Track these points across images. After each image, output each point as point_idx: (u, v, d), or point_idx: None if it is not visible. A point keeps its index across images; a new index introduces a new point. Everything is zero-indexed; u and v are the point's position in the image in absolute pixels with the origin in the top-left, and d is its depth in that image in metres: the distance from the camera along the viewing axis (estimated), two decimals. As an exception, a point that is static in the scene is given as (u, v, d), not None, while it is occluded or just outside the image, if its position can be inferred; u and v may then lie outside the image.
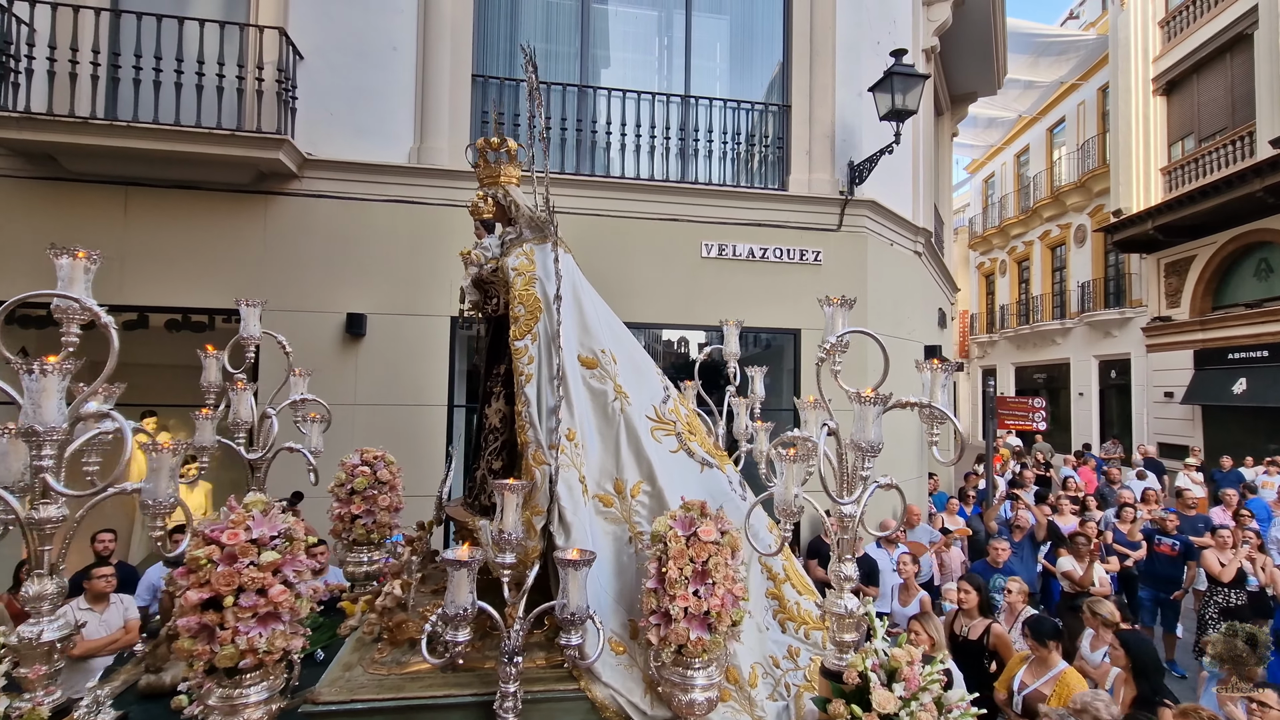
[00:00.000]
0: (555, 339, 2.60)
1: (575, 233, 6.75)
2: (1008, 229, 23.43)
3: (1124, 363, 17.30)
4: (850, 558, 2.25)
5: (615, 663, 2.33)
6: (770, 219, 7.17)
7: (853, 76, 7.43)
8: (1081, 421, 18.92)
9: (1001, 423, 8.89)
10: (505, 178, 2.96)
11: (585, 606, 2.02)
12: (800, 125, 7.35)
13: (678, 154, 7.26)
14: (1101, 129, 18.54)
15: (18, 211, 5.74)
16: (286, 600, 1.84)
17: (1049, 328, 20.32)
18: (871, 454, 2.14)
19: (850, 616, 2.17)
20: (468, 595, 1.91)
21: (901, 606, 5.39)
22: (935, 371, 2.24)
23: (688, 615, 2.01)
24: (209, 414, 2.87)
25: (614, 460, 2.65)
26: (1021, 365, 22.91)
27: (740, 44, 7.95)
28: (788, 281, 7.17)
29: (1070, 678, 3.76)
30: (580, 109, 7.05)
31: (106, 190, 5.88)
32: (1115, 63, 17.17)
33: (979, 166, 26.80)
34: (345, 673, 2.37)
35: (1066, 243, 20.29)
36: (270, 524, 1.92)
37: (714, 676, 2.10)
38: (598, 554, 2.49)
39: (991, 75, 11.61)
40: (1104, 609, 4.53)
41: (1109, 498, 9.44)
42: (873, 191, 7.40)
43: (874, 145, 7.11)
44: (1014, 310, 23.26)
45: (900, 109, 6.56)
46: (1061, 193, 19.86)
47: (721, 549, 2.11)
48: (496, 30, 7.12)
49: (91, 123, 5.44)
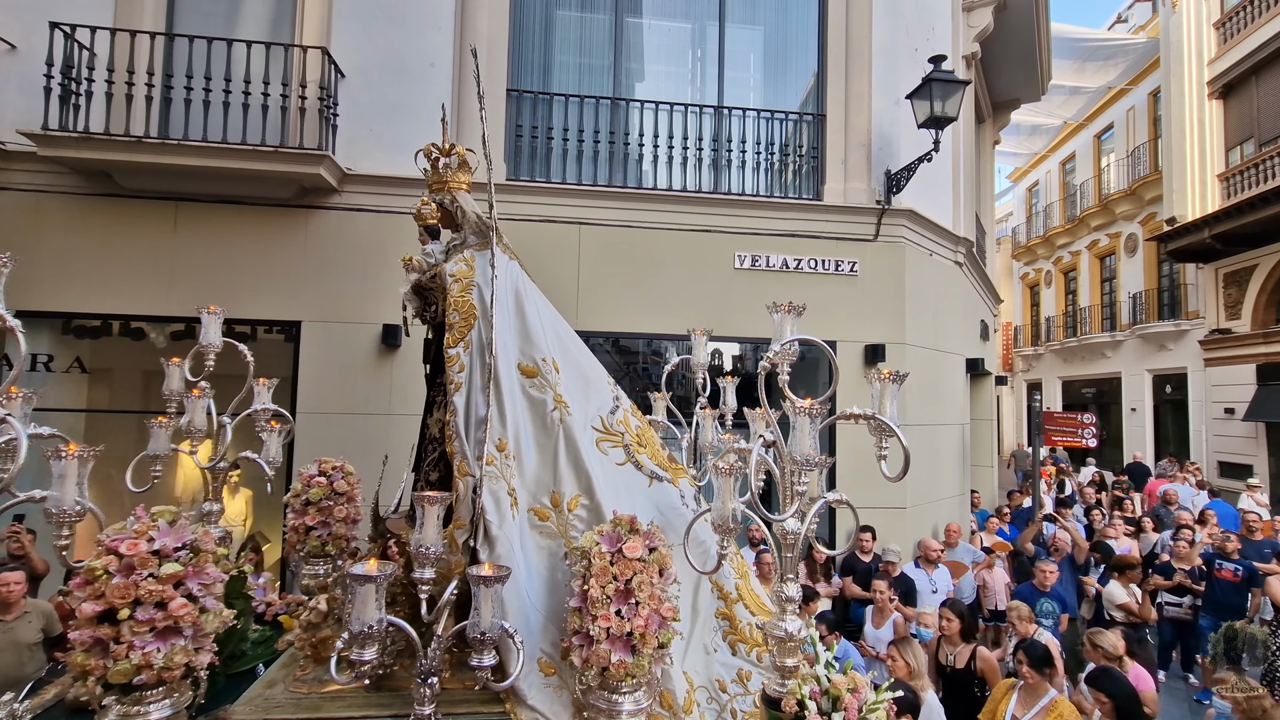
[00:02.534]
0: (488, 346, 2.50)
1: (607, 245, 6.80)
2: (1053, 238, 22.73)
3: (1180, 377, 16.54)
4: (793, 577, 2.08)
5: (544, 684, 2.23)
6: (804, 229, 7.07)
7: (890, 84, 7.30)
8: (1134, 438, 18.12)
9: (1049, 439, 8.55)
10: (454, 183, 2.86)
11: (499, 625, 1.90)
12: (835, 134, 7.25)
13: (710, 165, 7.22)
14: (1153, 134, 17.88)
15: (76, 226, 6.00)
16: (189, 614, 1.75)
17: (1098, 340, 19.58)
18: (808, 468, 1.96)
19: (792, 640, 2.00)
20: (374, 612, 1.78)
21: (874, 629, 5.16)
22: (884, 382, 2.08)
23: (610, 636, 1.90)
24: (164, 421, 2.87)
25: (551, 472, 2.55)
26: (1069, 379, 22.10)
27: (774, 54, 7.90)
28: (822, 293, 7.04)
29: (1062, 707, 3.57)
30: (613, 121, 7.08)
31: (158, 206, 6.11)
32: (1167, 66, 16.56)
33: (1022, 175, 26.12)
34: (267, 690, 2.30)
35: (1116, 252, 19.57)
36: (177, 535, 1.83)
37: (642, 701, 1.97)
38: (531, 570, 2.39)
39: (1035, 81, 11.31)
40: (1105, 641, 4.26)
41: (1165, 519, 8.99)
42: (911, 200, 7.24)
43: (912, 154, 6.96)
44: (1060, 322, 22.49)
45: (939, 116, 6.41)
46: (1111, 201, 19.19)
47: (648, 567, 1.99)
48: (531, 45, 7.21)
49: (145, 141, 5.67)
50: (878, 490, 6.95)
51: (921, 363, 7.42)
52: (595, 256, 6.71)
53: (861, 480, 6.91)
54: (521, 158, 6.90)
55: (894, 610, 5.20)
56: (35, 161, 5.76)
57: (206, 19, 6.41)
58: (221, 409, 3.16)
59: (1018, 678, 3.77)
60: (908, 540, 6.71)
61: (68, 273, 5.92)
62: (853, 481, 6.90)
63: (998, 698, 3.85)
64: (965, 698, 4.26)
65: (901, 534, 6.77)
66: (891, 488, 6.98)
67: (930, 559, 6.01)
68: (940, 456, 7.99)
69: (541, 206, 6.64)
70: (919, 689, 3.72)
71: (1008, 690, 3.79)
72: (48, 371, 6.21)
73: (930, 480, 7.62)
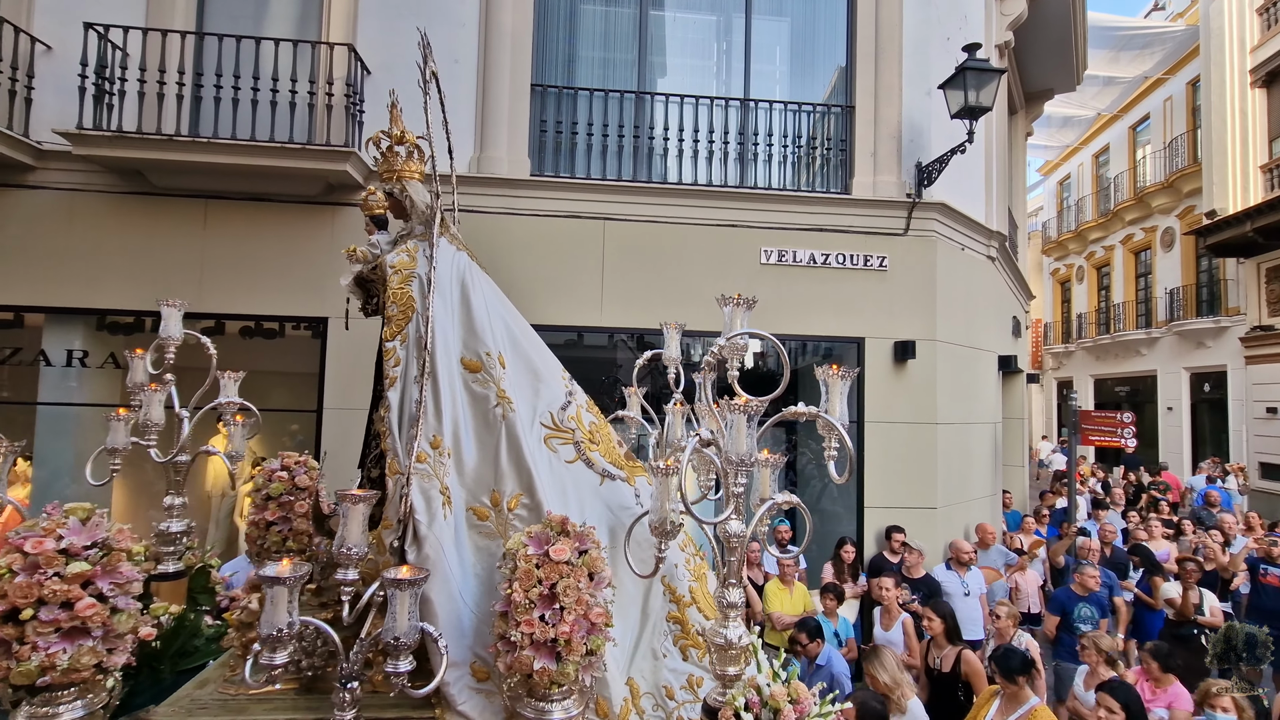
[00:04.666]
0: (422, 340, 2.42)
1: (632, 240, 6.73)
2: (1085, 233, 22.19)
3: (1219, 375, 16.04)
4: (735, 583, 1.91)
5: (476, 689, 2.14)
6: (832, 224, 6.93)
7: (921, 75, 7.13)
8: (1170, 438, 17.63)
9: (1085, 438, 8.31)
10: (404, 172, 2.76)
11: (416, 630, 1.83)
12: (865, 126, 7.09)
13: (736, 159, 7.11)
14: (1191, 125, 17.35)
15: (110, 224, 6.09)
16: (97, 615, 1.70)
17: (1133, 338, 19.07)
18: (744, 468, 1.83)
19: (732, 647, 1.88)
20: (285, 615, 1.72)
21: (883, 631, 5.04)
22: (833, 378, 1.91)
23: (533, 643, 1.82)
24: (125, 414, 2.85)
25: (492, 470, 2.45)
26: (1101, 377, 21.57)
27: (801, 45, 7.76)
28: (850, 288, 6.91)
29: (1041, 715, 3.46)
30: (638, 116, 7.00)
31: (188, 204, 6.18)
32: (1207, 54, 16.04)
33: (1053, 168, 25.54)
34: (196, 690, 2.25)
35: (1152, 247, 19.03)
36: (88, 533, 1.77)
37: (572, 709, 1.90)
38: (467, 571, 2.30)
39: (1070, 71, 11.00)
40: (1105, 643, 4.11)
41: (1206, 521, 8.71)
42: (942, 194, 7.07)
43: (943, 146, 6.79)
44: (1093, 319, 21.95)
45: (974, 106, 6.24)
46: (1146, 194, 18.66)
47: (575, 570, 1.90)
48: (555, 40, 7.17)
49: (176, 139, 5.73)
50: (908, 490, 6.83)
51: (953, 360, 7.25)
52: (619, 252, 6.65)
53: (891, 480, 6.79)
54: (546, 153, 6.85)
55: (903, 612, 5.06)
56: (70, 160, 5.85)
57: (235, 18, 6.46)
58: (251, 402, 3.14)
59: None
60: (938, 541, 6.56)
61: (101, 270, 6.01)
62: (881, 481, 6.77)
63: (980, 704, 3.78)
64: (950, 701, 4.17)
65: (931, 535, 6.63)
66: (922, 488, 6.84)
67: (962, 561, 5.86)
68: (972, 456, 7.80)
69: (565, 202, 6.60)
70: (899, 698, 3.64)
71: (990, 697, 3.73)
72: (83, 367, 6.31)
73: (961, 480, 7.45)
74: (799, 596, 5.45)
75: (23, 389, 6.61)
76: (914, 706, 3.66)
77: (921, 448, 6.85)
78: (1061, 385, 23.87)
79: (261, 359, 6.42)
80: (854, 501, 6.87)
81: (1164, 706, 4.02)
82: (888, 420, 6.81)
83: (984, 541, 6.81)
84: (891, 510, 6.65)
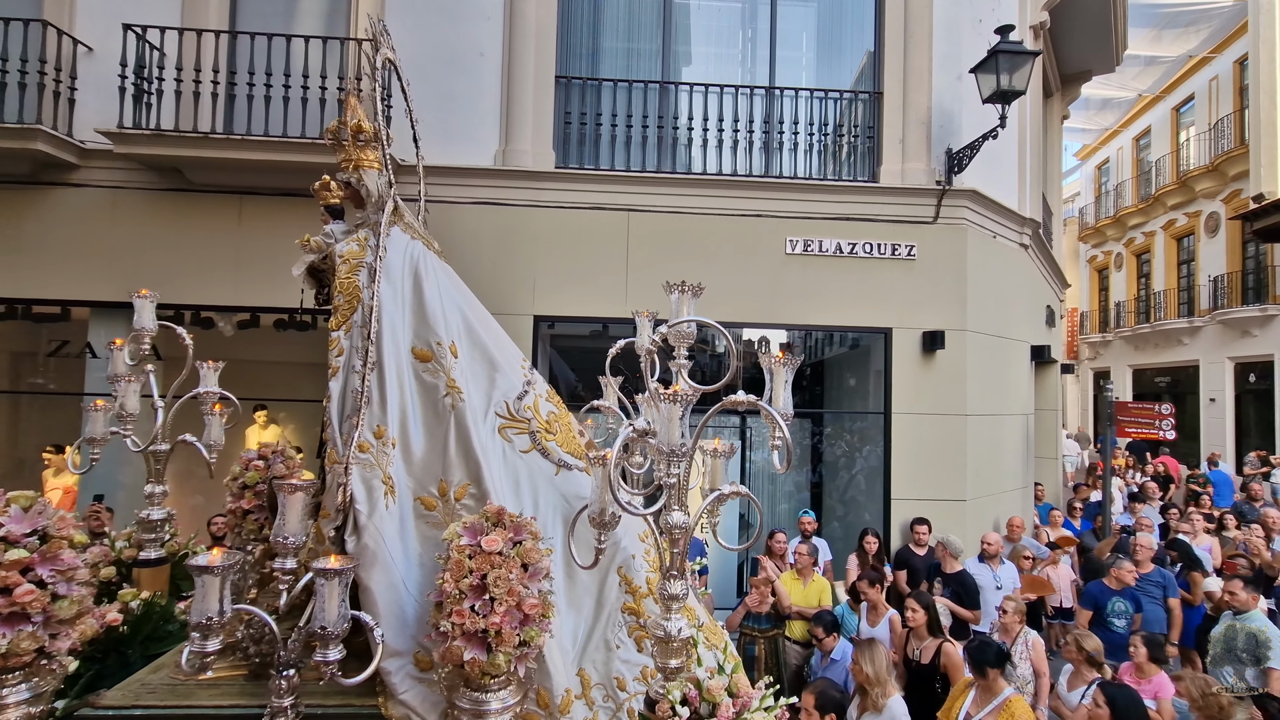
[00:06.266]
0: (365, 328, 2.42)
1: (656, 231, 6.72)
2: (1124, 219, 21.49)
3: (1265, 365, 15.46)
4: (676, 574, 1.86)
5: (419, 678, 2.14)
6: (859, 213, 6.84)
7: (952, 58, 6.97)
8: (1213, 430, 17.07)
9: (1121, 430, 8.11)
10: (361, 161, 2.76)
11: (343, 619, 1.82)
12: (893, 112, 6.97)
13: (761, 148, 7.05)
14: (1239, 106, 16.64)
15: (149, 220, 6.28)
16: (36, 601, 1.74)
17: (1174, 326, 18.46)
18: (675, 459, 1.78)
19: (672, 640, 1.85)
20: (216, 603, 1.73)
21: (869, 628, 4.92)
22: (778, 365, 1.82)
23: (464, 633, 1.82)
24: (103, 405, 2.90)
25: (440, 460, 2.44)
26: (1140, 367, 20.94)
27: (828, 31, 7.64)
28: (878, 278, 6.81)
29: (1015, 706, 3.40)
30: (662, 106, 6.98)
31: (223, 199, 6.34)
32: (1256, 31, 15.36)
33: (1091, 152, 24.75)
34: (150, 675, 2.27)
35: (1195, 232, 18.37)
36: (29, 521, 1.82)
37: (508, 700, 1.90)
38: (412, 560, 2.31)
39: (1109, 51, 10.62)
40: (1090, 643, 3.99)
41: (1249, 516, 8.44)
42: (974, 180, 6.92)
43: (974, 131, 6.63)
44: (1131, 307, 21.29)
45: (1006, 90, 6.08)
46: (1190, 177, 17.99)
47: (508, 561, 1.89)
48: (579, 31, 7.16)
49: (211, 137, 5.88)
50: (937, 483, 6.74)
51: (983, 350, 7.12)
52: (644, 244, 6.65)
53: (919, 472, 6.71)
54: (570, 145, 6.87)
55: (889, 609, 4.93)
56: (112, 159, 6.05)
57: (266, 16, 6.58)
58: (285, 392, 3.19)
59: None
60: (968, 535, 6.47)
61: (142, 265, 6.20)
62: (908, 473, 6.70)
63: (955, 695, 3.75)
64: (928, 694, 4.13)
65: (961, 528, 6.54)
66: (950, 480, 6.75)
67: (993, 554, 5.78)
68: (1002, 448, 7.67)
69: (590, 194, 6.62)
70: (876, 696, 3.59)
71: (965, 688, 3.69)
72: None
73: (992, 472, 7.33)
74: (815, 589, 5.38)
75: (70, 380, 6.88)
76: (894, 705, 3.60)
77: (950, 440, 6.75)
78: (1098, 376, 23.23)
79: (295, 351, 6.60)
80: (880, 493, 6.81)
81: (1150, 697, 3.96)
82: (915, 412, 6.72)
83: (1013, 535, 6.70)
84: (919, 502, 6.57)
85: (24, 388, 8.10)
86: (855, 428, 7.67)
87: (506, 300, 6.49)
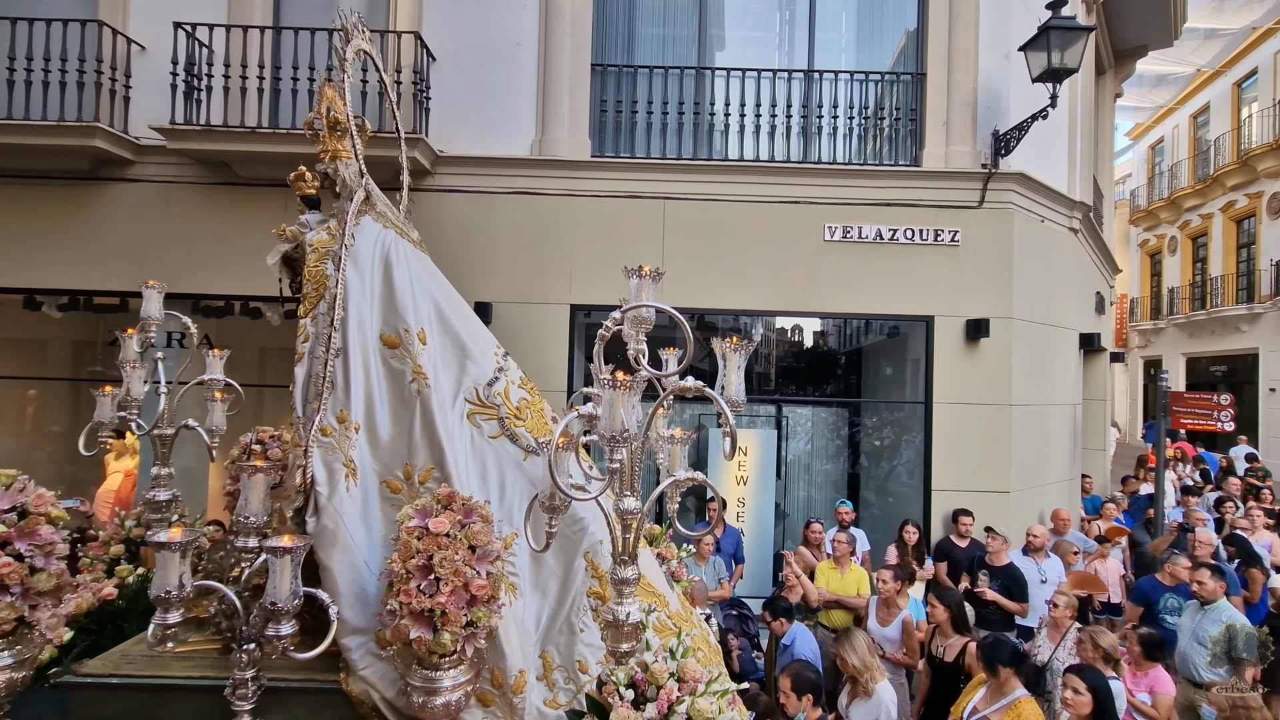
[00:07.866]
0: (330, 314, 2.46)
1: (692, 219, 6.68)
2: (1179, 201, 20.59)
3: (1332, 354, 14.71)
4: (627, 559, 1.81)
5: (379, 655, 2.19)
6: (901, 198, 6.68)
7: (999, 37, 6.73)
8: (1272, 422, 16.35)
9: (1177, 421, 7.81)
10: (338, 152, 2.80)
11: (294, 596, 1.87)
12: (937, 94, 6.77)
13: (799, 133, 6.93)
14: (1308, 79, 15.76)
15: (201, 214, 6.49)
16: (15, 573, 1.85)
17: (1232, 313, 17.68)
18: (618, 444, 1.74)
19: (623, 624, 1.83)
20: (174, 578, 1.81)
21: (879, 626, 4.79)
22: (730, 350, 1.81)
23: (410, 612, 1.87)
24: (110, 391, 2.99)
25: (406, 445, 2.50)
26: (1194, 356, 20.12)
27: (868, 11, 7.44)
28: (920, 265, 6.66)
29: (1024, 707, 3.33)
30: (698, 92, 6.90)
31: (270, 193, 6.49)
32: (1329, -1, 14.48)
33: (1144, 131, 23.74)
34: (131, 647, 2.38)
35: (1257, 214, 17.51)
36: (9, 498, 1.91)
37: (459, 678, 1.94)
38: (375, 541, 2.38)
39: (1166, 25, 10.13)
40: (1105, 640, 3.86)
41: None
42: (1021, 163, 6.70)
43: (1023, 112, 6.40)
44: (1186, 294, 20.44)
45: (1058, 68, 5.85)
46: (1252, 156, 17.12)
47: (454, 543, 1.92)
48: (615, 18, 7.12)
49: (257, 131, 6.03)
50: (980, 474, 6.61)
51: (1030, 338, 6.92)
52: (680, 231, 6.62)
53: (962, 462, 6.59)
54: (606, 133, 6.86)
55: (903, 609, 4.78)
56: (165, 154, 6.25)
57: (308, 10, 6.69)
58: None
59: None
60: (1012, 527, 6.33)
61: (195, 257, 6.42)
62: (951, 463, 6.58)
63: (967, 692, 3.72)
64: (951, 693, 4.05)
65: (1005, 520, 6.40)
66: (994, 471, 6.61)
67: (1038, 547, 5.65)
68: (1049, 439, 7.46)
69: (626, 182, 6.60)
70: (866, 681, 3.60)
71: (978, 685, 3.65)
72: (180, 348, 6.79)
73: (1036, 463, 7.14)
74: (852, 578, 5.34)
75: (129, 368, 7.13)
76: (882, 690, 3.59)
77: (994, 430, 6.59)
78: (1149, 364, 22.43)
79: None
80: (920, 484, 6.70)
81: (1145, 691, 3.94)
82: (959, 401, 6.58)
83: (1059, 528, 6.53)
84: (962, 494, 6.45)
85: (84, 375, 8.48)
86: (893, 417, 7.55)
87: (543, 289, 6.54)
